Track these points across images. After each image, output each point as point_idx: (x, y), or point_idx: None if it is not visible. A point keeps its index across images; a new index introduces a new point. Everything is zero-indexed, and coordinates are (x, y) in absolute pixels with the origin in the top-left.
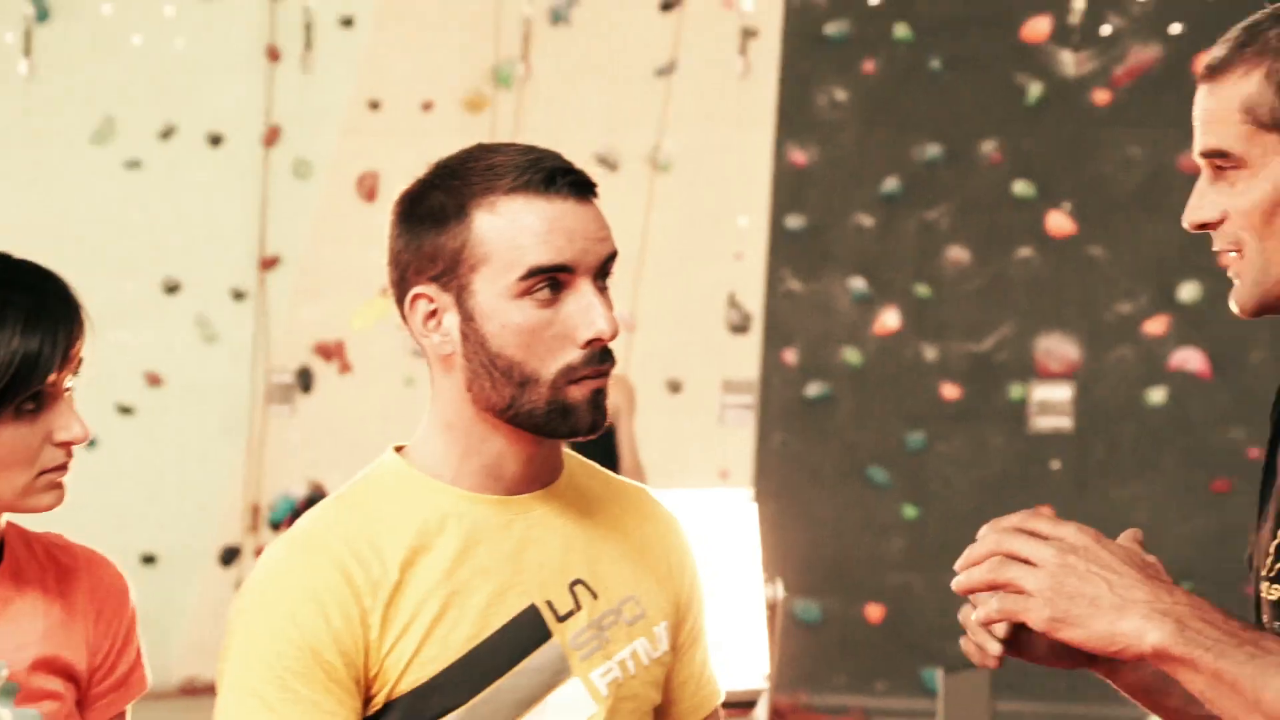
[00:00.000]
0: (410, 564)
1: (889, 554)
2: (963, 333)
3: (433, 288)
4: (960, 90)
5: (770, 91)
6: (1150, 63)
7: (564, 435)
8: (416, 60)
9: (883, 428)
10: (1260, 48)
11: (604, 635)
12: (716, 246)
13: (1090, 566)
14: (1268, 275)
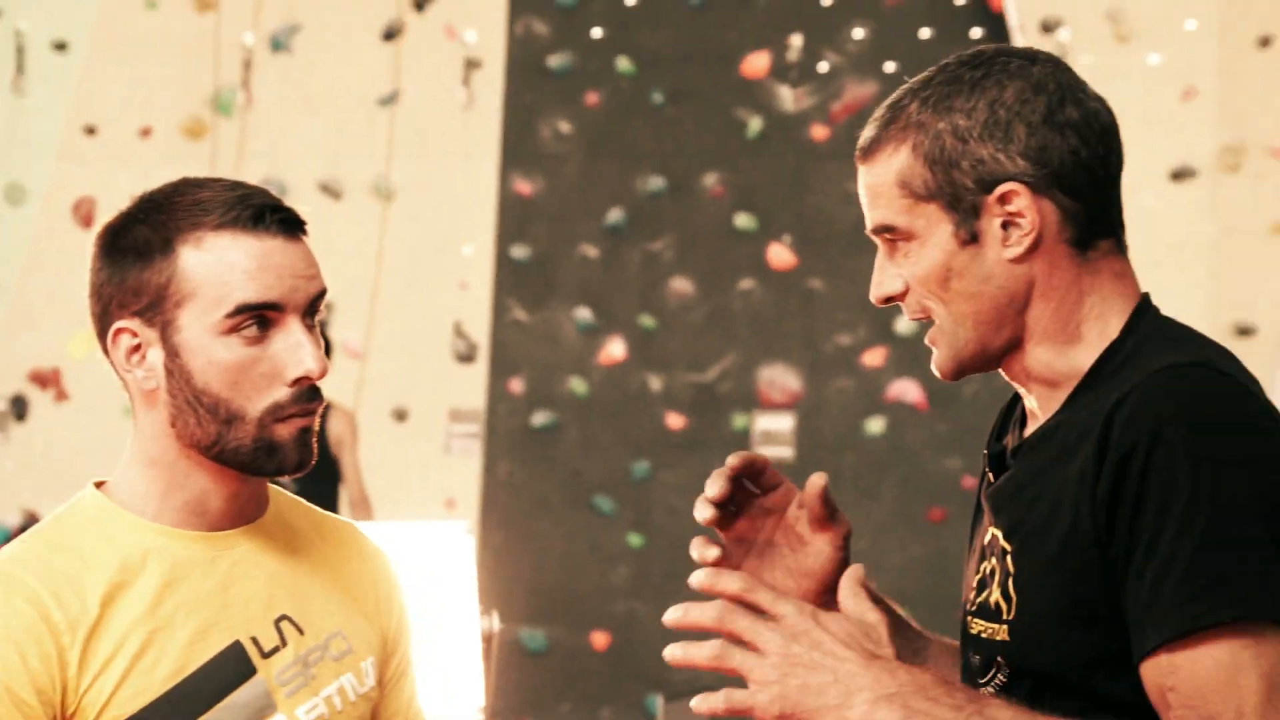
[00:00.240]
0: (111, 600)
1: (615, 582)
2: (687, 363)
3: (136, 322)
4: (682, 123)
5: (494, 122)
6: (866, 99)
7: (270, 473)
8: (133, 86)
9: (608, 457)
10: (904, 123)
11: (310, 671)
12: (442, 276)
13: (814, 655)
14: (957, 338)
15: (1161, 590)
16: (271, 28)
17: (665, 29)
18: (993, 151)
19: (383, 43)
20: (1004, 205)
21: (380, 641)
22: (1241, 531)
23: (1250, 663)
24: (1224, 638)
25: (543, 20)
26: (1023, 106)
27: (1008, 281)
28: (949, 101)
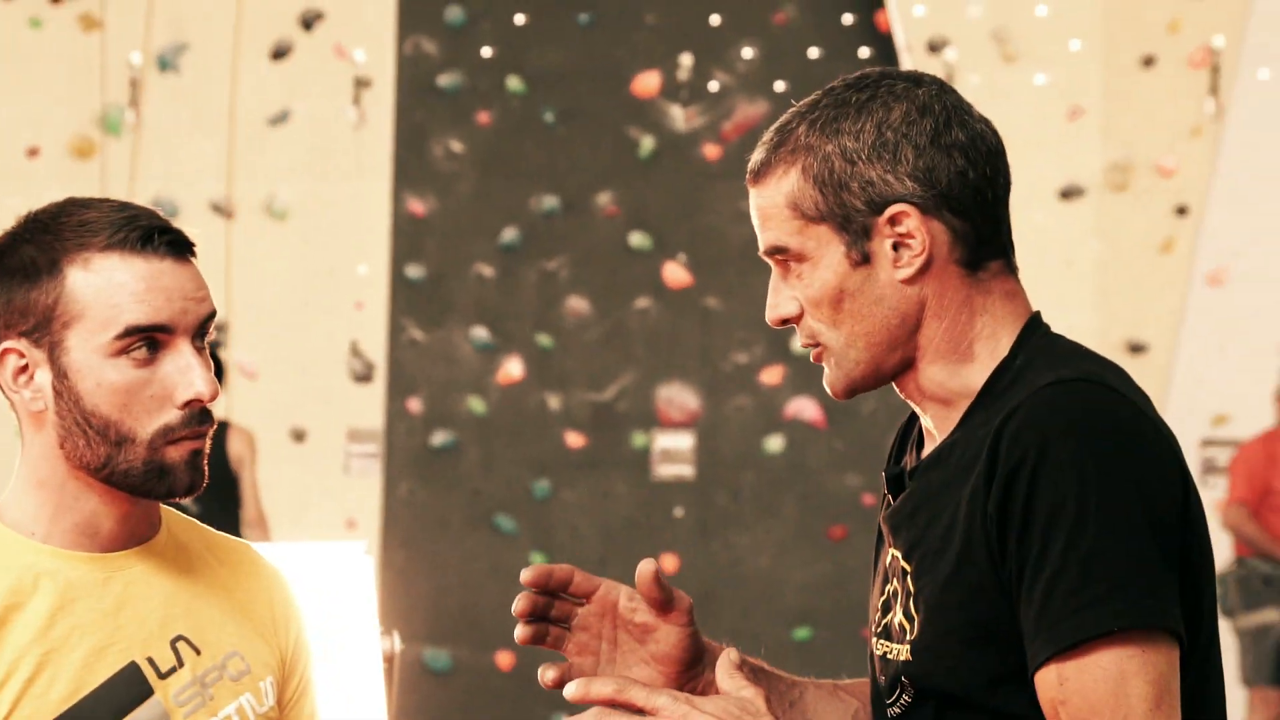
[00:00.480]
0: (3, 623)
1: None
2: (585, 382)
3: (24, 343)
4: (575, 142)
5: (386, 141)
6: (757, 118)
7: (161, 496)
8: (19, 105)
9: (509, 476)
10: (793, 146)
11: (208, 691)
12: (337, 295)
13: None
14: (847, 359)
15: (1050, 604)
16: (159, 46)
17: (555, 48)
18: (881, 173)
19: (272, 61)
20: (894, 226)
21: (278, 661)
22: (1127, 544)
23: (1137, 671)
24: (1111, 647)
25: (432, 39)
26: (909, 128)
27: (899, 303)
28: (836, 124)
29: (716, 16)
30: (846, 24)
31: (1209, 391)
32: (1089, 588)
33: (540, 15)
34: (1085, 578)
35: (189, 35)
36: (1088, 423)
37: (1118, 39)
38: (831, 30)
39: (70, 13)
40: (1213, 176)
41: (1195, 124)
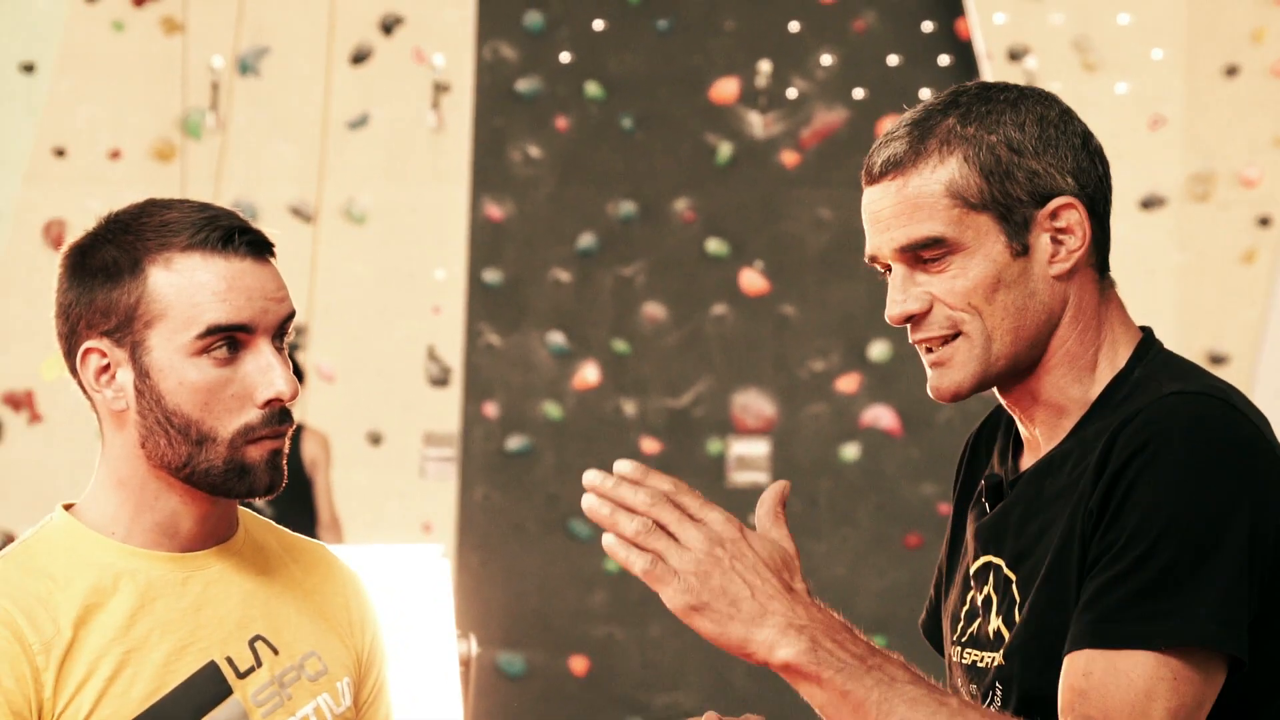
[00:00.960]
0: (83, 622)
1: (592, 607)
2: (661, 388)
3: (105, 342)
4: (652, 148)
5: (464, 146)
6: (835, 125)
7: (241, 495)
8: (101, 108)
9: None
10: (945, 136)
11: (286, 691)
12: (414, 300)
13: (735, 565)
14: (990, 353)
15: (1109, 596)
16: (240, 50)
17: (633, 54)
18: (1046, 166)
19: (351, 66)
20: (1054, 220)
21: (355, 662)
22: (1209, 562)
23: (1166, 692)
24: (1149, 661)
25: (511, 45)
26: (1065, 128)
27: (1049, 298)
28: (995, 117)
29: (796, 23)
30: (926, 31)
31: None
32: (1154, 598)
33: (619, 21)
34: (1156, 586)
35: (270, 39)
36: (1203, 433)
37: (1200, 48)
38: (911, 37)
39: (152, 16)
40: None
41: (1278, 134)
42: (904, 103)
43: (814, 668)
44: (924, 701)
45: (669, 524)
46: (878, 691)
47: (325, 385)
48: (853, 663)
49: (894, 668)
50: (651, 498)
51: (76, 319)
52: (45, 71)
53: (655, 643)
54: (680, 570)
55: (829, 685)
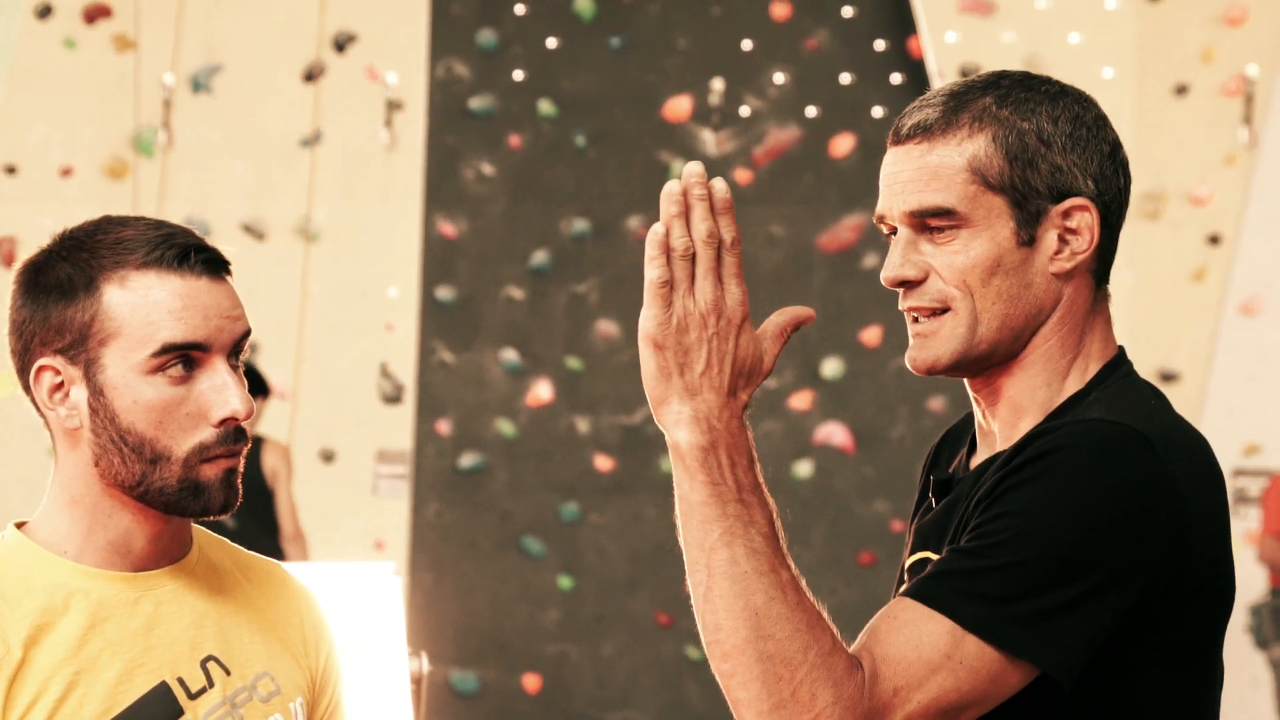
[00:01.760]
0: (34, 642)
1: (545, 624)
2: (614, 405)
3: (59, 360)
4: (605, 166)
5: (417, 164)
6: (788, 144)
7: (196, 514)
8: (53, 125)
9: (537, 499)
10: (979, 113)
11: (238, 712)
12: (368, 317)
13: (713, 340)
14: (974, 334)
15: (948, 564)
16: (192, 68)
17: (586, 72)
18: (1070, 164)
19: (304, 83)
20: (1065, 219)
21: (308, 682)
22: (1050, 579)
23: (947, 670)
24: (946, 635)
25: (464, 63)
26: (1098, 132)
27: (1043, 294)
28: (1032, 105)
29: (748, 42)
30: (879, 50)
31: (1241, 421)
32: (982, 583)
33: (572, 39)
34: (989, 574)
35: (222, 56)
36: (1102, 463)
37: (1150, 67)
38: (863, 56)
39: (104, 33)
40: (1246, 205)
41: (1229, 153)
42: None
43: (694, 464)
44: (757, 557)
45: (700, 266)
46: (728, 522)
47: (278, 402)
48: (728, 486)
49: (760, 515)
50: (709, 235)
51: (30, 336)
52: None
53: (608, 661)
54: (673, 306)
55: (695, 488)
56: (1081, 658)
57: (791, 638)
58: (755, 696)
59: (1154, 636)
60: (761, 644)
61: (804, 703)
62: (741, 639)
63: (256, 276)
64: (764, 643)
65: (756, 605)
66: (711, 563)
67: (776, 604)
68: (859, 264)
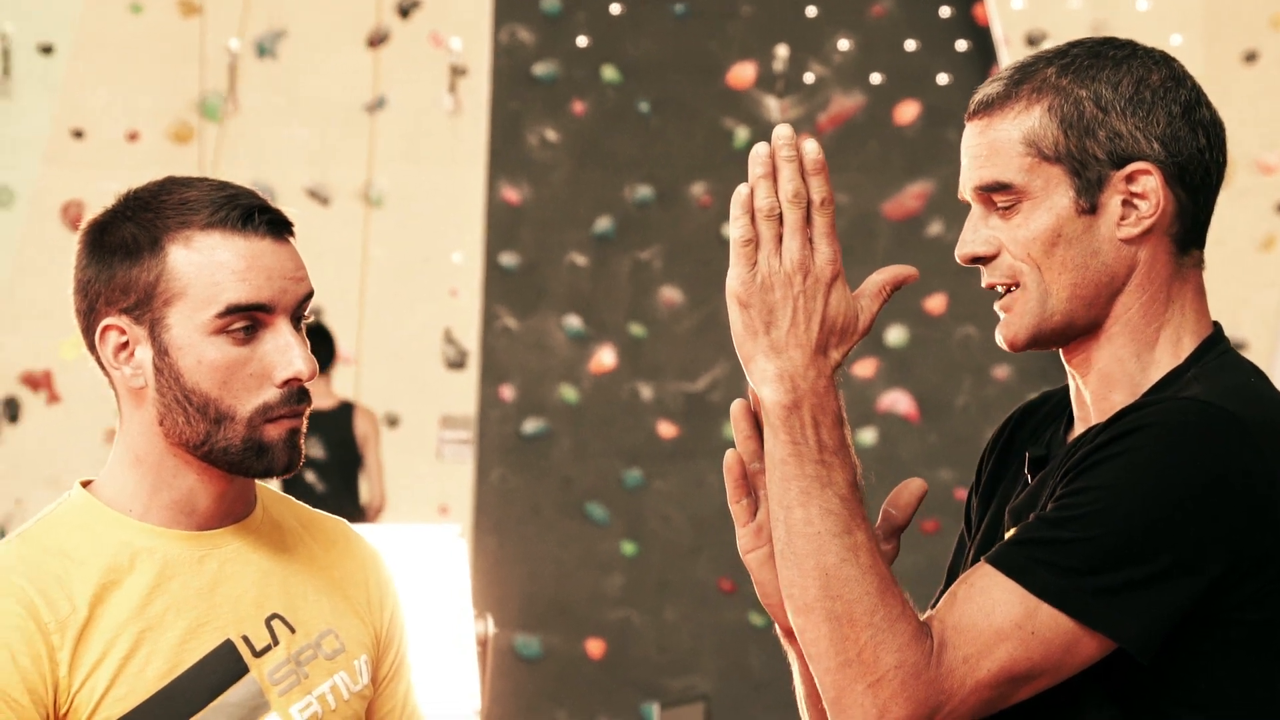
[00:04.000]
0: (100, 600)
1: (608, 590)
2: (677, 372)
3: (124, 320)
4: (668, 133)
5: (481, 129)
6: (852, 111)
7: (259, 474)
8: (119, 90)
9: (600, 465)
10: (1038, 84)
11: (302, 670)
12: (431, 282)
13: (800, 299)
14: (1044, 307)
15: (1027, 533)
16: (256, 33)
17: (650, 38)
18: (1131, 128)
19: (367, 49)
20: (1129, 184)
21: (373, 640)
22: (1127, 556)
23: (1016, 640)
24: (1018, 603)
25: (528, 28)
26: (1166, 93)
27: (1113, 261)
28: (1093, 72)
29: (813, 8)
30: (944, 16)
31: None
32: (1057, 553)
33: (636, 5)
34: (1066, 545)
35: (286, 22)
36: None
37: (1219, 33)
38: (928, 23)
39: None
40: None
41: None
42: (921, 88)
43: (777, 422)
44: (831, 518)
45: (788, 225)
46: (805, 482)
47: (342, 368)
48: (810, 446)
49: (840, 476)
50: (797, 194)
51: (95, 296)
52: (63, 53)
53: (671, 626)
54: (758, 265)
55: (777, 445)
56: (1158, 633)
57: (860, 600)
58: (823, 653)
59: (1237, 615)
60: (830, 603)
61: (868, 664)
62: (812, 597)
63: (320, 241)
64: (833, 602)
65: (828, 565)
66: (789, 520)
67: (848, 566)
68: (923, 231)
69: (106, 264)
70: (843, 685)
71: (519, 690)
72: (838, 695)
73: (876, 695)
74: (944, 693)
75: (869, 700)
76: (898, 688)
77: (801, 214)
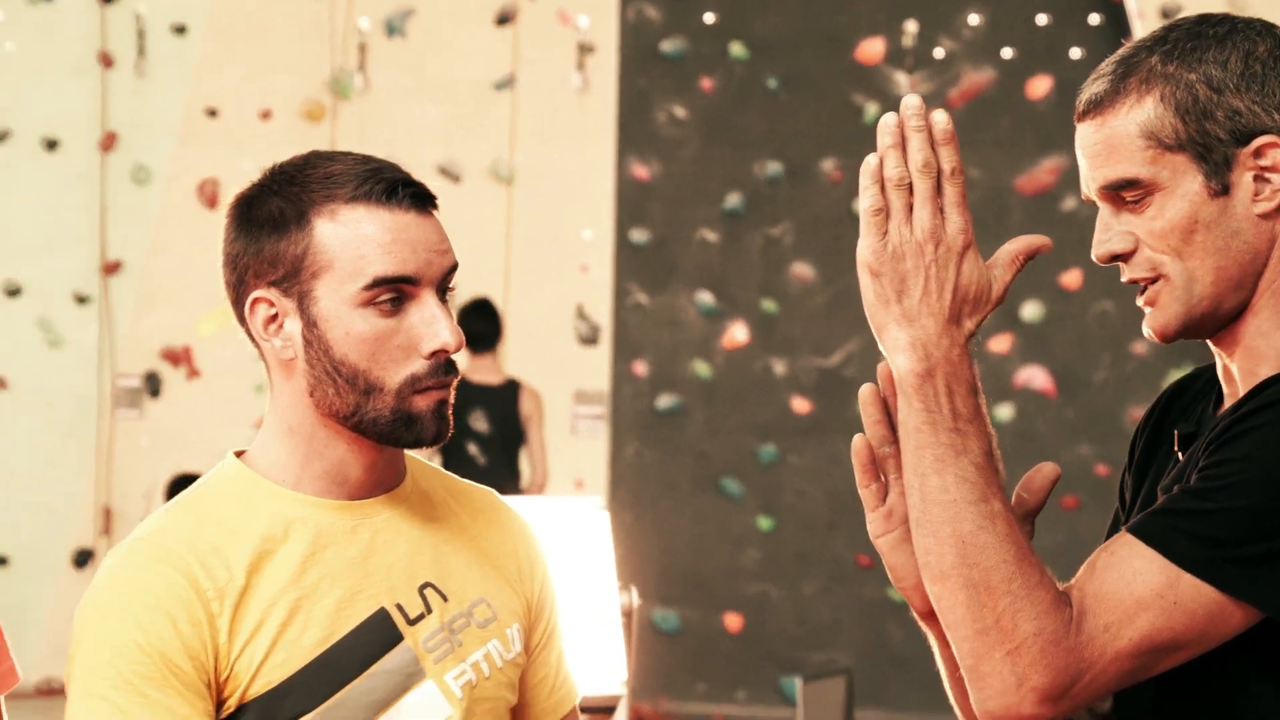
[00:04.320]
0: (256, 569)
1: (745, 565)
2: (810, 347)
3: (273, 292)
4: (798, 109)
5: (609, 107)
6: (983, 86)
7: (408, 445)
8: (252, 69)
9: (734, 440)
10: (1145, 75)
11: (456, 638)
12: (562, 259)
13: (932, 268)
14: (1191, 294)
15: (1171, 503)
16: (385, 12)
17: (777, 14)
18: (1249, 104)
19: (496, 27)
20: (1258, 159)
21: (524, 608)
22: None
23: (1157, 609)
24: (1159, 572)
25: (655, 5)
26: (1276, 62)
27: (1254, 237)
28: (1198, 54)
29: None
30: None
31: None
32: (1200, 522)
33: None
34: (1210, 515)
35: (415, 1)
36: None
37: None
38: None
39: None
40: None
41: None
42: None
43: (911, 390)
44: (967, 485)
45: (919, 194)
46: (940, 450)
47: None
48: (945, 414)
49: (976, 444)
50: (927, 163)
51: (244, 269)
52: (196, 34)
53: (809, 601)
54: (888, 234)
55: (911, 413)
56: None
57: (997, 567)
58: (960, 620)
59: None
60: (968, 571)
61: (1006, 631)
62: (949, 564)
63: (452, 219)
64: (970, 570)
65: (964, 533)
66: (924, 488)
67: (985, 533)
68: (1058, 206)
69: (254, 238)
70: (980, 653)
71: (658, 664)
72: (975, 663)
73: (1015, 663)
74: (1084, 661)
75: (1007, 668)
76: (1036, 655)
77: (932, 183)
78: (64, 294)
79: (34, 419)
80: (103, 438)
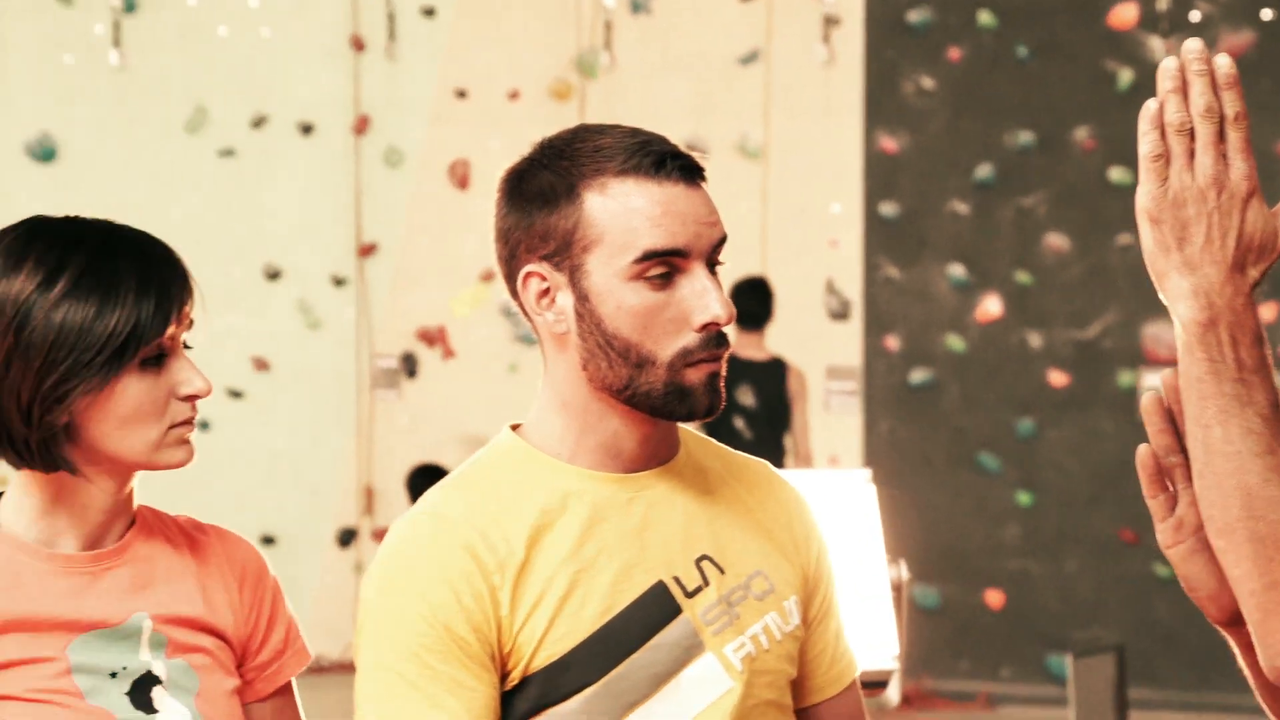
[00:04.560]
0: (535, 542)
1: (1005, 541)
2: (1066, 319)
3: (545, 266)
4: (1049, 77)
5: (856, 79)
6: (1243, 48)
7: (681, 418)
8: (500, 50)
9: (991, 415)
10: None
11: (734, 610)
12: (811, 234)
13: (1214, 214)
14: None
15: None
16: None
17: None
18: None
19: (741, 2)
20: None
21: (801, 580)
22: None
23: None
24: None
25: None
26: None
27: None
28: None
29: None
30: None
31: None
32: None
33: None
34: None
35: None
36: None
37: None
38: None
39: None
40: None
41: None
42: None
43: (1193, 340)
44: (1252, 437)
45: (1200, 140)
46: (1224, 400)
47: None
48: (1229, 364)
49: (1261, 395)
50: (1207, 109)
51: (516, 243)
52: (446, 16)
53: (1072, 578)
54: (1169, 180)
55: (1194, 363)
56: None
57: None
58: (1246, 574)
59: None
60: (1253, 524)
61: None
62: (1233, 517)
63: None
64: (1255, 523)
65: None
66: (1207, 439)
67: (1271, 486)
68: None
69: (525, 212)
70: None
71: (919, 640)
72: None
73: None
74: None
75: None
76: None
77: (1214, 129)
78: (322, 276)
79: (295, 400)
80: (363, 418)
